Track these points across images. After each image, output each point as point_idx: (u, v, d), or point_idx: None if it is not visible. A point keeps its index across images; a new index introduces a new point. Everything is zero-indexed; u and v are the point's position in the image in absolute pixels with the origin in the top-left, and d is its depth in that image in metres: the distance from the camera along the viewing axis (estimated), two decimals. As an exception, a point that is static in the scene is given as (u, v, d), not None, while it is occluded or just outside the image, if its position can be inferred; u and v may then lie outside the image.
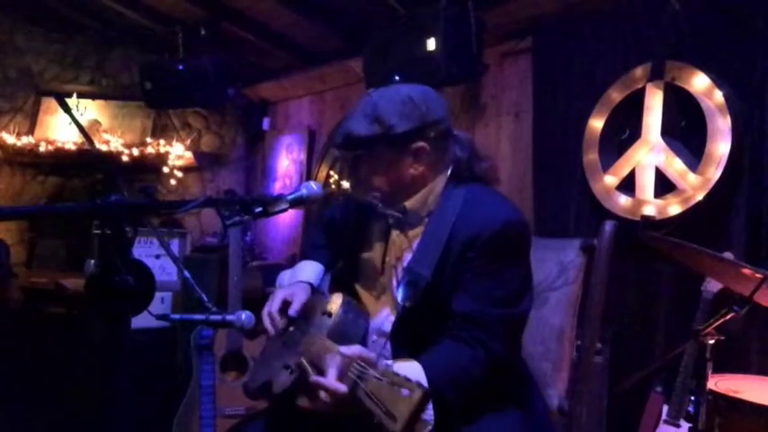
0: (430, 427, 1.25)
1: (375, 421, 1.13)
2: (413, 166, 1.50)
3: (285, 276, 1.73)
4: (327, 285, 1.71)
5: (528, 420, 1.49)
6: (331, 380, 1.25)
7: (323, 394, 1.26)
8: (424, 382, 1.25)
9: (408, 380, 1.13)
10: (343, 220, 1.75)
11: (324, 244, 1.79)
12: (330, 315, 1.52)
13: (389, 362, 1.28)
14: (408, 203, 1.52)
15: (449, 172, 1.54)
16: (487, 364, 1.37)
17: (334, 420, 1.35)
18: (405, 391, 1.11)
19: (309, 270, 1.68)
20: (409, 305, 1.43)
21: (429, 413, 1.25)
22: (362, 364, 1.20)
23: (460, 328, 1.40)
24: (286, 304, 1.55)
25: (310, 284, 1.63)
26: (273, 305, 1.55)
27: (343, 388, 1.23)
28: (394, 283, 1.54)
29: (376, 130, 1.45)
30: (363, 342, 1.50)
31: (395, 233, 1.57)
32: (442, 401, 1.27)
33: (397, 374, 1.15)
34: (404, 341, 1.47)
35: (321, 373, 1.29)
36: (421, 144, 1.49)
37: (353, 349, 1.28)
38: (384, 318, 1.55)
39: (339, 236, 1.74)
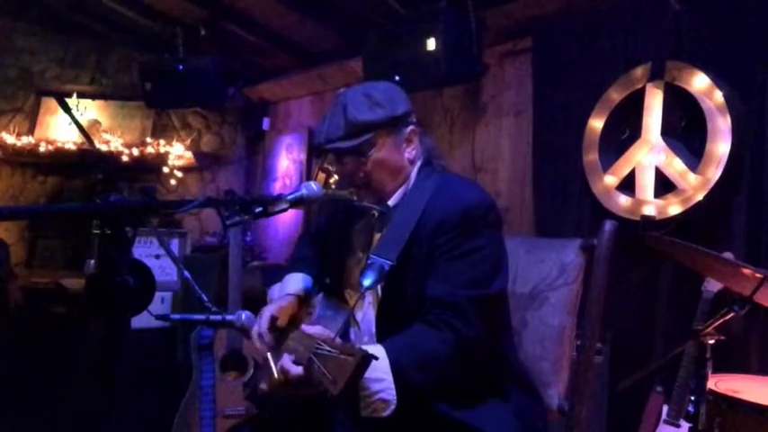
0: (393, 407, 1.25)
1: (322, 389, 1.16)
2: (407, 150, 1.55)
3: (275, 290, 1.75)
4: (315, 293, 1.73)
5: (517, 415, 1.48)
6: (286, 362, 1.27)
7: (279, 373, 1.28)
8: (383, 362, 1.25)
9: (353, 347, 1.15)
10: (327, 228, 1.77)
11: (310, 255, 1.81)
12: (310, 314, 1.58)
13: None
14: (391, 201, 1.55)
15: (420, 163, 1.59)
16: (457, 346, 1.36)
17: (323, 422, 1.36)
18: (348, 358, 1.14)
19: (296, 282, 1.71)
20: (374, 290, 1.44)
21: (390, 392, 1.25)
22: (320, 342, 1.21)
23: (431, 312, 1.40)
24: (274, 320, 1.57)
25: (297, 296, 1.66)
26: (262, 324, 1.55)
27: (297, 370, 1.25)
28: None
29: (381, 114, 1.49)
30: (345, 338, 1.51)
31: (376, 234, 1.58)
32: (406, 382, 1.27)
33: (345, 345, 1.16)
34: (387, 334, 1.46)
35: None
36: (412, 127, 1.55)
37: (314, 329, 1.30)
38: (372, 320, 1.55)
39: (323, 245, 1.77)
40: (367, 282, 1.40)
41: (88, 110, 4.92)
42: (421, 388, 1.32)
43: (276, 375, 1.31)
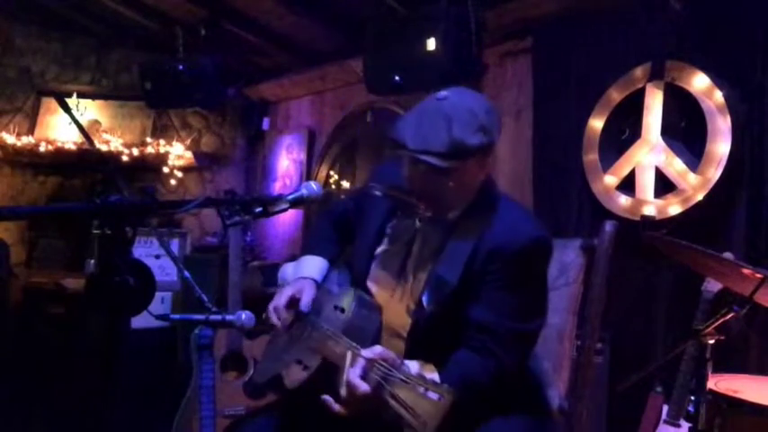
0: None
1: (404, 424, 1.12)
2: (482, 172, 1.51)
3: (288, 270, 1.71)
4: (333, 280, 1.68)
5: (535, 423, 1.49)
6: (354, 378, 1.25)
7: (344, 392, 1.26)
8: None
9: (436, 383, 1.13)
10: (357, 214, 1.71)
11: (331, 237, 1.76)
12: (343, 310, 1.51)
13: (412, 364, 1.28)
14: (451, 214, 1.51)
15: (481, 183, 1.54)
16: (496, 375, 1.39)
17: (343, 418, 1.35)
18: (433, 395, 1.10)
19: (314, 265, 1.66)
20: (433, 309, 1.44)
21: None
22: (385, 365, 1.19)
23: (474, 338, 1.41)
24: (294, 300, 1.55)
25: (315, 281, 1.62)
26: (281, 300, 1.54)
27: (365, 387, 1.23)
28: (415, 285, 1.52)
29: (483, 140, 1.41)
30: (377, 338, 1.49)
31: (421, 236, 1.55)
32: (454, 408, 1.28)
33: (424, 378, 1.14)
34: (419, 341, 1.47)
35: (338, 370, 1.30)
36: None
37: (376, 350, 1.28)
38: (399, 318, 1.53)
39: (351, 230, 1.71)
40: (427, 300, 1.42)
41: (88, 110, 4.92)
42: (463, 410, 1.31)
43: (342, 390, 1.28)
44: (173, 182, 5.04)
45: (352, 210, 1.75)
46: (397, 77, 3.14)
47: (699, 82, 2.49)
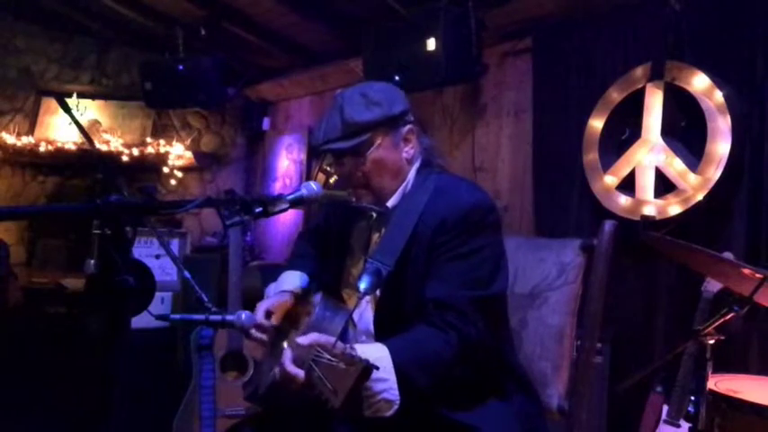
0: (396, 407, 1.25)
1: (323, 399, 1.15)
2: (405, 149, 1.54)
3: (271, 288, 1.75)
4: (313, 291, 1.72)
5: (518, 415, 1.49)
6: (289, 366, 1.27)
7: (282, 378, 1.28)
8: (386, 362, 1.25)
9: (353, 356, 1.14)
10: (325, 228, 1.77)
11: (307, 253, 1.81)
12: (309, 314, 1.56)
13: (351, 346, 1.29)
14: (390, 202, 1.54)
15: (419, 163, 1.58)
16: (461, 348, 1.36)
17: (325, 422, 1.35)
18: (347, 366, 1.13)
19: (292, 279, 1.71)
20: (371, 294, 1.44)
21: (393, 393, 1.25)
22: (319, 349, 1.20)
23: (433, 314, 1.39)
24: (269, 315, 1.58)
25: (293, 293, 1.66)
26: (257, 316, 1.56)
27: (300, 373, 1.24)
28: None
29: (377, 113, 1.48)
30: (343, 338, 1.50)
31: (375, 235, 1.59)
32: (409, 383, 1.27)
33: (346, 354, 1.16)
34: (387, 337, 1.47)
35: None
36: (410, 126, 1.54)
37: (310, 337, 1.29)
38: (369, 318, 1.55)
39: (323, 244, 1.77)
40: (363, 285, 1.39)
41: (88, 110, 4.93)
42: (424, 389, 1.32)
43: (277, 375, 1.31)
44: (173, 182, 5.04)
45: (322, 225, 1.80)
46: (397, 77, 3.14)
47: (699, 82, 2.49)
